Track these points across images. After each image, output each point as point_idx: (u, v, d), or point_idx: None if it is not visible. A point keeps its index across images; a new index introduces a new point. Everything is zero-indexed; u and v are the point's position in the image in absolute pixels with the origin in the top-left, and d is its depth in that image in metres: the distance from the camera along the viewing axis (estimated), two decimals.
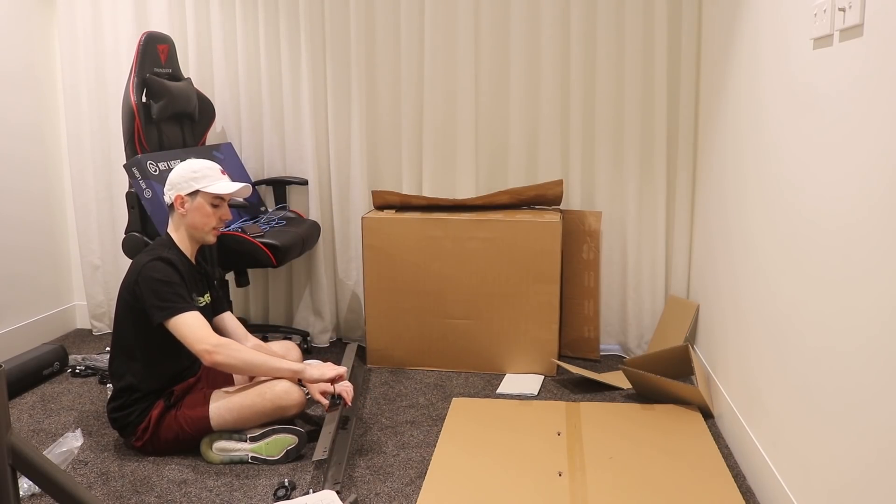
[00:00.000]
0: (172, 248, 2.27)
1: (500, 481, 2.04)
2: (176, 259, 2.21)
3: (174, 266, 2.18)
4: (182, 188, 2.25)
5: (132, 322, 2.20)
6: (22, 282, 3.21)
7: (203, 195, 2.26)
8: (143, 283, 2.15)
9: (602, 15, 2.89)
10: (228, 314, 2.48)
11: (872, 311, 1.34)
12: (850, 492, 1.42)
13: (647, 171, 2.98)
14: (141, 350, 2.21)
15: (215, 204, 2.28)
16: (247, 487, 2.06)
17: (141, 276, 2.16)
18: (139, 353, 2.21)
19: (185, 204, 2.26)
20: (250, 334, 2.48)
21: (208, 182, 2.26)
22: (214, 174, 2.28)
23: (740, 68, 2.26)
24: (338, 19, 3.08)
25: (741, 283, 2.21)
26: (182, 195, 2.26)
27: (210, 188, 2.25)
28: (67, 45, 3.24)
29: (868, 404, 1.35)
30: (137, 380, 2.20)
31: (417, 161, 3.13)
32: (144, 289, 2.14)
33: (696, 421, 2.38)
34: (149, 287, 2.14)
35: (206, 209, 2.27)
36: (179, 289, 2.16)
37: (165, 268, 2.16)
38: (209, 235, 2.31)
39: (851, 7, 1.42)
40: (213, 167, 2.30)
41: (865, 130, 1.38)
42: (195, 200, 2.26)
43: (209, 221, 2.28)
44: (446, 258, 2.86)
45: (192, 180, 2.25)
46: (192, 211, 2.26)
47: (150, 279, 2.14)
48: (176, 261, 2.20)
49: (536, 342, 2.85)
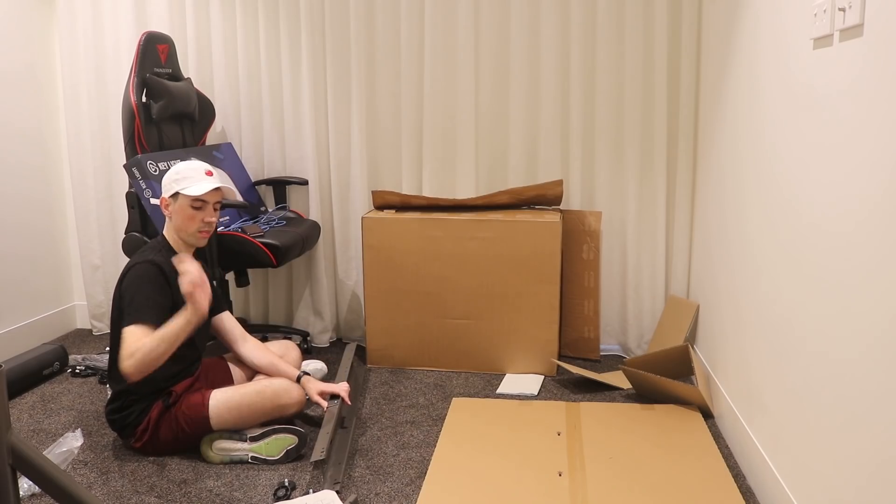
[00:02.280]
0: (165, 251, 2.26)
1: (500, 481, 2.04)
2: (164, 262, 2.20)
3: (160, 269, 2.18)
4: (166, 190, 2.25)
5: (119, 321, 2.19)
6: (22, 282, 3.21)
7: (183, 197, 2.23)
8: (124, 287, 2.16)
9: (602, 15, 2.89)
10: (227, 314, 2.47)
11: (872, 314, 1.34)
12: (850, 492, 1.42)
13: (647, 171, 2.98)
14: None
15: (195, 206, 2.24)
16: (247, 487, 2.06)
17: (125, 279, 2.17)
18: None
19: (169, 206, 2.26)
20: (248, 335, 2.48)
21: (188, 184, 2.22)
22: (196, 175, 2.24)
23: (740, 68, 2.26)
24: (338, 19, 3.08)
25: (740, 283, 2.21)
26: (165, 197, 2.26)
27: (187, 190, 2.21)
28: (67, 45, 3.24)
29: (867, 404, 1.35)
30: (133, 384, 2.20)
31: (417, 161, 3.13)
32: (123, 292, 2.16)
33: (696, 421, 2.38)
34: (126, 291, 2.15)
35: (188, 211, 2.24)
36: (153, 299, 2.14)
37: (148, 271, 2.16)
38: (195, 238, 2.28)
39: (851, 7, 1.42)
40: (198, 169, 2.25)
41: (865, 130, 1.38)
42: (177, 202, 2.24)
43: (192, 224, 2.25)
44: (446, 258, 2.86)
45: (174, 182, 2.23)
46: (175, 213, 2.25)
47: (128, 284, 2.15)
48: (164, 263, 2.20)
49: (536, 342, 2.85)
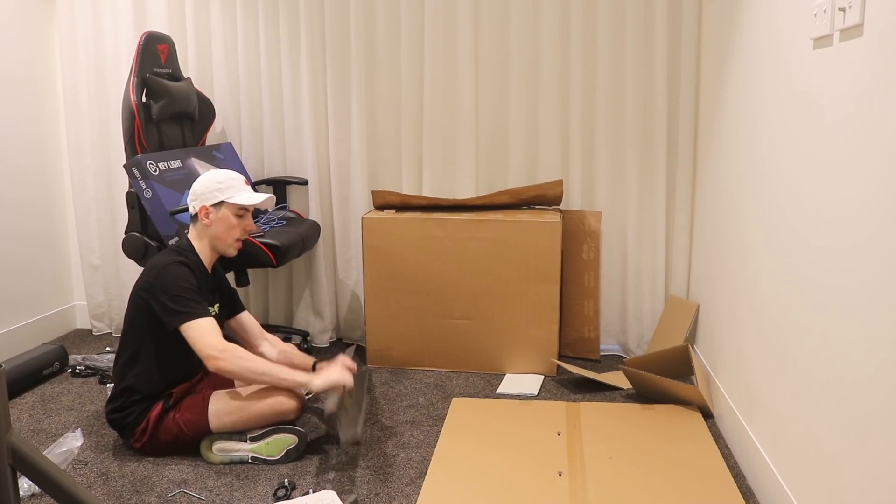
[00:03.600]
0: (191, 254, 2.26)
1: (500, 481, 2.04)
2: (193, 265, 2.22)
3: (192, 272, 2.19)
4: (207, 199, 2.24)
5: (145, 324, 2.19)
6: (22, 282, 3.21)
7: (228, 206, 2.25)
8: (160, 288, 2.14)
9: (602, 15, 2.89)
10: (246, 313, 2.49)
11: (870, 314, 1.34)
12: (850, 492, 1.42)
13: (647, 171, 2.98)
14: (150, 353, 2.20)
15: (240, 214, 2.27)
16: (247, 487, 2.06)
17: (158, 279, 2.15)
18: (148, 355, 2.20)
19: (210, 215, 2.25)
20: (267, 333, 2.50)
21: (233, 193, 2.25)
22: (239, 185, 2.27)
23: (739, 68, 2.26)
24: (338, 19, 3.08)
25: (738, 285, 2.21)
26: (207, 206, 2.25)
27: (235, 199, 2.24)
28: (67, 45, 3.24)
29: (867, 405, 1.35)
30: (140, 382, 2.20)
31: (417, 161, 3.13)
32: (160, 293, 2.13)
33: (696, 421, 2.38)
34: (165, 292, 2.13)
35: (231, 220, 2.26)
36: (195, 294, 2.16)
37: (182, 272, 2.16)
38: (231, 248, 2.30)
39: (851, 7, 1.42)
40: (238, 178, 2.29)
41: (865, 130, 1.38)
42: (220, 211, 2.25)
43: (233, 233, 2.27)
44: (446, 258, 2.86)
45: (217, 191, 2.24)
46: (216, 222, 2.26)
47: (168, 284, 2.13)
48: (193, 266, 2.21)
49: (536, 342, 2.85)
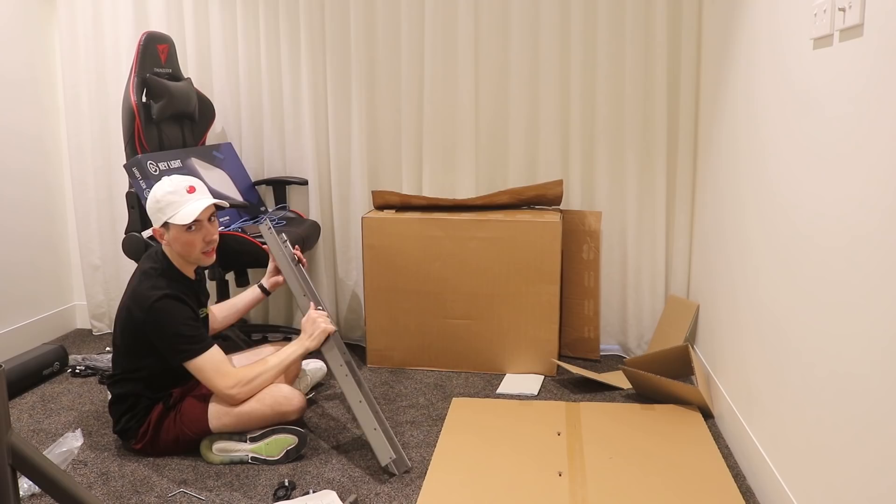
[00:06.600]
0: (169, 270, 2.20)
1: (500, 481, 2.03)
2: (178, 288, 2.16)
3: (182, 301, 2.12)
4: (155, 220, 2.16)
5: (138, 348, 2.15)
6: (22, 282, 3.21)
7: (173, 227, 2.15)
8: (154, 329, 2.09)
9: (602, 15, 2.89)
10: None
11: (870, 314, 1.34)
12: (850, 492, 1.42)
13: (647, 171, 2.97)
14: (146, 370, 2.18)
15: (189, 228, 2.15)
16: (247, 487, 2.06)
17: (150, 316, 2.09)
18: (143, 371, 2.19)
19: (164, 236, 2.18)
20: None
21: (174, 210, 2.13)
22: (180, 198, 2.13)
23: (739, 68, 2.26)
24: (338, 19, 3.08)
25: (738, 285, 2.21)
26: (157, 228, 2.18)
27: (175, 218, 2.12)
28: (67, 45, 3.24)
29: (867, 404, 1.35)
30: (139, 390, 2.20)
31: (417, 161, 3.13)
32: (158, 332, 2.09)
33: (696, 421, 2.38)
34: (163, 332, 2.08)
35: (184, 237, 2.15)
36: (193, 327, 2.11)
37: (175, 306, 2.10)
38: (201, 259, 2.22)
39: (851, 7, 1.42)
40: (178, 188, 2.14)
41: (865, 130, 1.38)
42: (170, 232, 2.16)
43: (193, 249, 2.18)
44: (446, 258, 2.86)
45: (159, 212, 2.14)
46: (172, 241, 2.17)
47: (165, 324, 2.08)
48: (179, 292, 2.14)
49: (536, 342, 2.85)
